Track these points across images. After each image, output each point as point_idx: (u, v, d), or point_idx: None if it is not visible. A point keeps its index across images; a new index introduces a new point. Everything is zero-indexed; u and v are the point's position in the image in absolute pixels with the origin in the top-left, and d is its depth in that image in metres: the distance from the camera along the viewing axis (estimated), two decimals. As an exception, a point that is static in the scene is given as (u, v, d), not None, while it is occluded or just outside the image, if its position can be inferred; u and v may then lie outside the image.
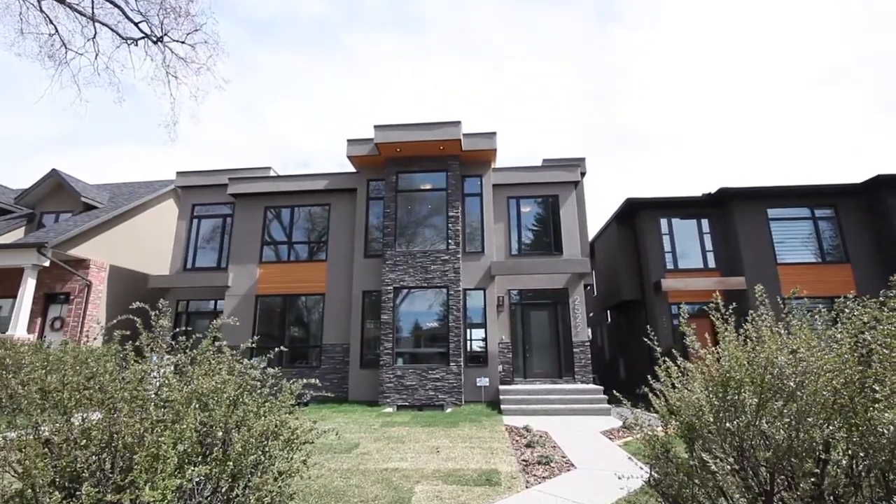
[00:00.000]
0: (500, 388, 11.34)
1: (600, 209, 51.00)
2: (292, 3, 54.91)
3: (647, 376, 3.74)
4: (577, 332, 12.33)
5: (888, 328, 2.41)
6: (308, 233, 14.21)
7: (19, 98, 34.46)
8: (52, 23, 9.56)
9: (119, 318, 3.31)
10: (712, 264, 13.90)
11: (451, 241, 12.34)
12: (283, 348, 4.35)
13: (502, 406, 10.38)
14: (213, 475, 2.59)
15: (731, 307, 3.29)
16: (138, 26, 10.01)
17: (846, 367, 2.43)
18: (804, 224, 13.79)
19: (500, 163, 13.97)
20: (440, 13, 59.42)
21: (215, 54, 10.60)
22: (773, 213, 13.78)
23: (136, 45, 10.26)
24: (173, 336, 3.41)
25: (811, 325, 2.92)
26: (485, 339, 12.12)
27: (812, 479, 2.43)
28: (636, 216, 14.80)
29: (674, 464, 3.03)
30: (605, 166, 59.29)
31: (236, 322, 3.77)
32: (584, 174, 14.03)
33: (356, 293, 12.72)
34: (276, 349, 4.12)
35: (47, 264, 12.78)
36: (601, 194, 50.49)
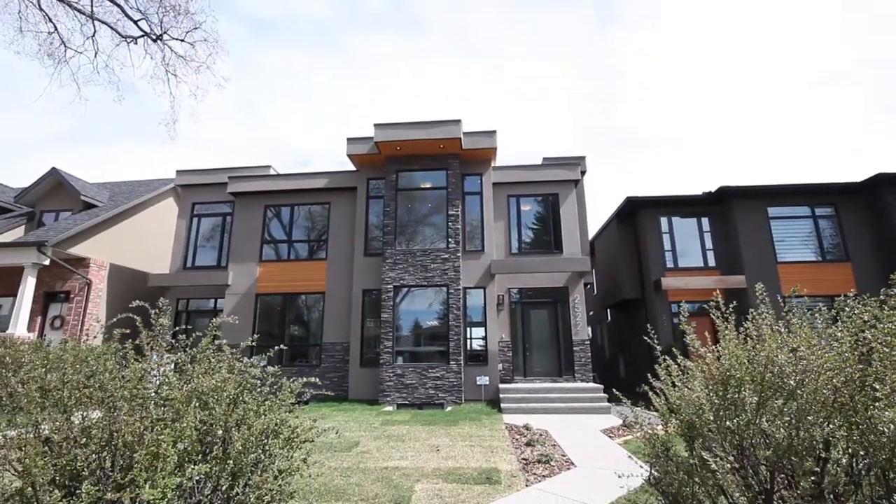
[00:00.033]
0: (500, 386, 11.35)
1: (600, 209, 50.97)
2: (292, 4, 54.83)
3: (647, 375, 3.74)
4: (577, 331, 12.33)
5: (888, 327, 2.40)
6: (308, 231, 14.21)
7: (19, 96, 34.48)
8: (51, 21, 9.53)
9: (119, 317, 3.30)
10: (712, 263, 13.91)
11: (451, 240, 12.33)
12: (283, 347, 4.35)
13: (502, 405, 10.39)
14: (213, 473, 2.59)
15: (731, 306, 3.28)
16: (137, 24, 9.99)
17: (846, 366, 2.43)
18: (804, 222, 13.79)
19: (500, 162, 13.95)
20: (440, 14, 59.34)
21: (215, 52, 10.57)
22: (773, 211, 13.78)
23: (136, 43, 10.23)
24: (173, 335, 3.41)
25: (811, 324, 2.92)
26: (485, 338, 12.13)
27: (812, 478, 2.43)
28: (636, 215, 14.80)
29: (674, 462, 3.03)
30: (606, 167, 59.29)
31: (236, 320, 3.76)
32: (584, 173, 14.02)
33: (356, 292, 12.72)
34: (276, 348, 4.12)
35: (47, 263, 12.79)
36: (601, 194, 50.54)
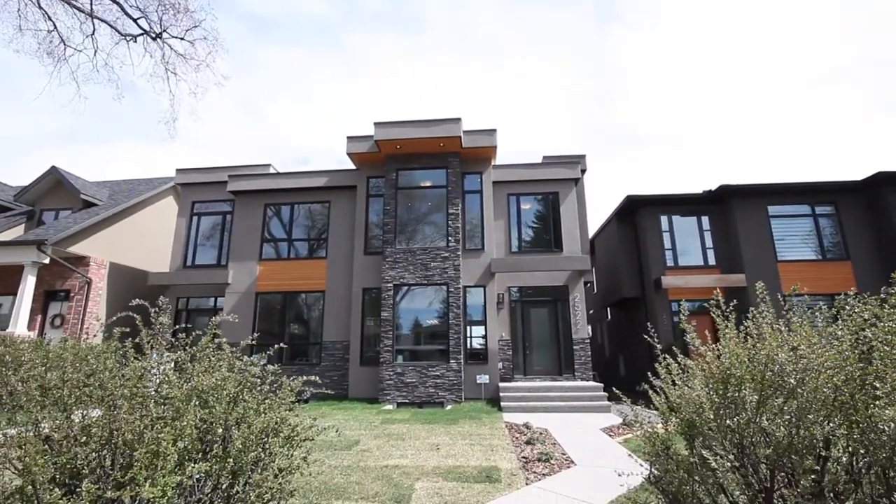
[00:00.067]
0: (500, 385, 11.36)
1: (600, 208, 50.97)
2: (292, 2, 54.71)
3: (648, 373, 3.74)
4: (577, 330, 12.34)
5: (889, 325, 2.40)
6: (308, 230, 14.21)
7: (18, 95, 34.45)
8: (50, 19, 9.53)
9: (119, 316, 3.30)
10: (712, 261, 13.90)
11: (451, 239, 12.33)
12: (283, 345, 4.33)
13: (502, 403, 10.40)
14: (213, 472, 2.59)
15: (731, 304, 3.28)
16: (137, 22, 9.99)
17: (847, 365, 2.43)
18: (804, 221, 13.78)
19: (500, 161, 13.93)
20: (440, 13, 59.22)
21: (215, 51, 10.59)
22: (773, 210, 13.77)
23: (135, 41, 10.23)
24: (173, 333, 3.40)
25: (812, 323, 2.91)
26: (485, 337, 12.13)
27: (812, 476, 2.43)
28: (636, 213, 14.79)
29: (674, 461, 3.03)
30: (606, 166, 59.25)
31: (235, 319, 3.75)
32: (584, 171, 14.00)
33: (356, 290, 12.72)
34: (276, 346, 4.12)
35: (47, 261, 12.79)
36: (601, 193, 50.53)
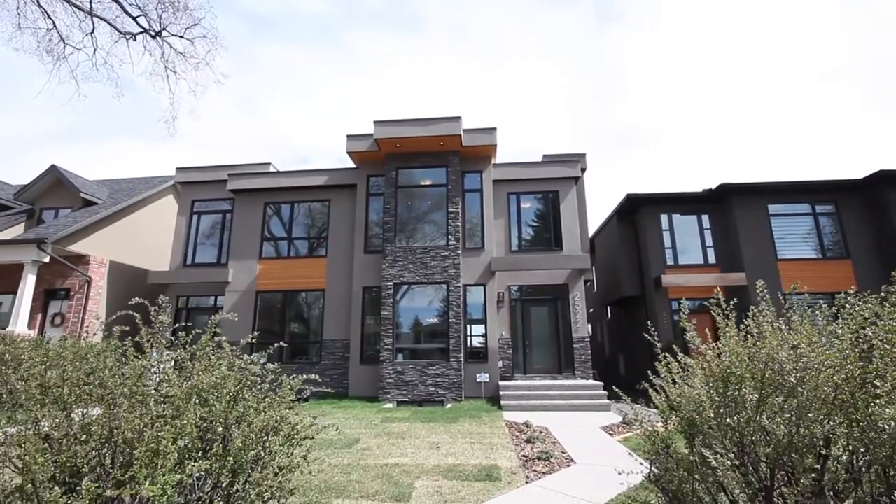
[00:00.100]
0: (500, 383, 11.36)
1: (600, 207, 50.93)
2: (291, 1, 54.59)
3: (647, 372, 3.74)
4: (577, 328, 12.34)
5: (889, 324, 2.40)
6: (308, 229, 14.20)
7: (18, 93, 34.40)
8: (49, 17, 9.51)
9: (119, 314, 3.30)
10: (713, 260, 13.90)
11: (451, 237, 12.32)
12: (283, 344, 4.34)
13: (502, 402, 10.41)
14: (213, 470, 2.59)
15: (731, 303, 3.28)
16: (136, 21, 9.97)
17: (847, 363, 2.42)
18: (805, 220, 13.77)
19: (499, 160, 13.92)
20: (440, 13, 59.14)
21: (214, 49, 10.60)
22: (773, 208, 13.76)
23: (135, 39, 10.22)
24: (173, 332, 3.40)
25: (812, 321, 2.91)
26: (485, 335, 12.13)
27: (812, 475, 2.43)
28: (636, 212, 14.78)
29: (674, 459, 3.03)
30: (606, 165, 59.21)
31: (235, 317, 3.75)
32: (584, 170, 13.99)
33: (356, 289, 12.72)
34: (276, 345, 4.11)
35: (47, 260, 12.78)
36: (601, 193, 50.51)
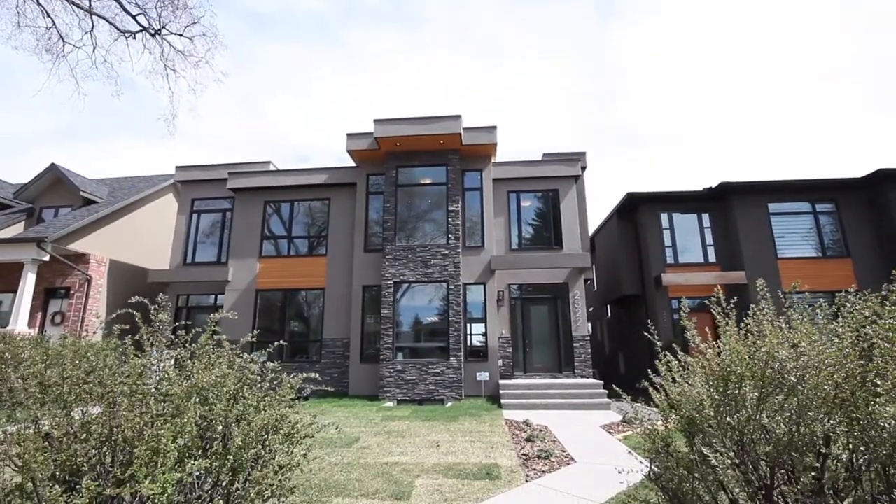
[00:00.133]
0: (500, 382, 11.37)
1: (601, 205, 50.91)
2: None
3: (648, 371, 3.74)
4: (577, 327, 12.34)
5: (889, 322, 2.39)
6: (308, 227, 14.19)
7: (17, 92, 34.35)
8: (49, 16, 9.50)
9: (118, 313, 3.30)
10: (713, 259, 13.89)
11: (451, 236, 12.32)
12: (283, 343, 4.34)
13: (502, 400, 10.41)
14: (213, 469, 2.59)
15: (731, 302, 3.28)
16: (136, 19, 9.96)
17: (847, 362, 2.42)
18: (805, 218, 13.76)
19: (499, 159, 13.91)
20: (440, 13, 59.01)
21: (214, 47, 10.63)
22: (773, 207, 13.74)
23: (134, 38, 10.21)
24: (173, 330, 3.40)
25: (812, 320, 2.91)
26: (485, 334, 12.13)
27: (812, 474, 2.43)
28: (637, 210, 14.76)
29: (674, 458, 3.03)
30: (606, 164, 59.16)
31: (235, 316, 3.74)
32: (584, 168, 13.97)
33: (356, 288, 12.72)
34: (277, 343, 4.11)
35: (47, 259, 12.78)
36: (602, 191, 50.42)
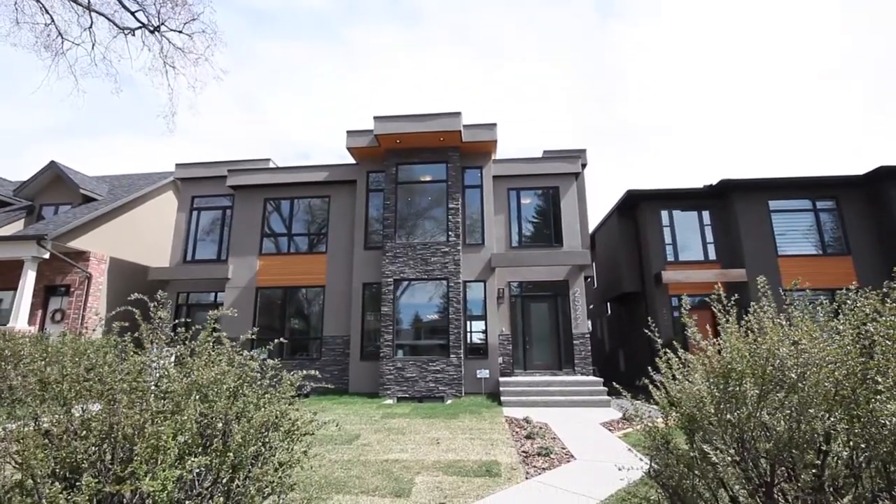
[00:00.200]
0: (501, 379, 11.38)
1: (601, 203, 50.83)
2: (291, -7, 54.22)
3: (648, 368, 3.74)
4: (577, 324, 12.34)
5: (890, 320, 2.39)
6: (308, 225, 14.18)
7: (16, 89, 34.26)
8: (47, 12, 9.44)
9: (118, 310, 3.29)
10: (713, 256, 13.88)
11: (451, 233, 12.31)
12: (283, 340, 4.34)
13: (502, 398, 10.43)
14: (213, 466, 2.59)
15: (732, 299, 3.27)
16: (135, 15, 9.90)
17: (848, 359, 2.42)
18: (805, 216, 13.74)
19: (500, 157, 13.89)
20: (440, 13, 58.78)
21: (213, 44, 10.49)
22: (774, 204, 13.71)
23: (133, 34, 10.14)
24: (173, 328, 3.40)
25: (813, 317, 2.90)
26: (485, 331, 12.14)
27: (813, 471, 2.43)
28: (637, 208, 14.75)
29: (674, 455, 3.03)
30: (606, 162, 59.00)
31: (234, 313, 3.73)
32: (584, 166, 13.95)
33: (356, 285, 12.72)
34: (277, 341, 4.12)
35: (47, 256, 12.77)
36: (602, 189, 50.21)
